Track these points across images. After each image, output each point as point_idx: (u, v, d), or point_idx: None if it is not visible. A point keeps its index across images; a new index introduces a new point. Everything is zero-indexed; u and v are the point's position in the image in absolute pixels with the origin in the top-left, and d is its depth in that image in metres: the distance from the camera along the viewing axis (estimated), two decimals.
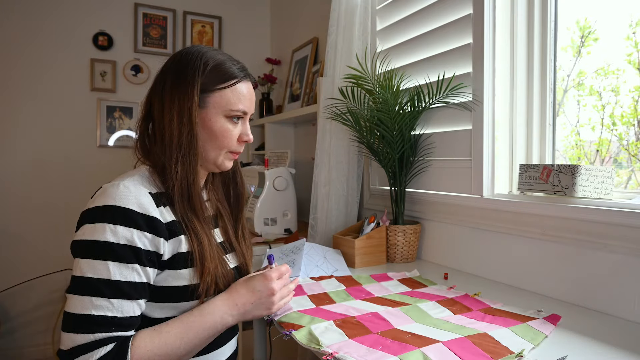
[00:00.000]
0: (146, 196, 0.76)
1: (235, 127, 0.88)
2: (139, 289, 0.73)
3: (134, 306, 0.73)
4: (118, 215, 0.72)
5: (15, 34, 2.41)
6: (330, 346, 0.76)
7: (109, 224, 0.71)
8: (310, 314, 0.93)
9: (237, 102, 0.86)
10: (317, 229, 1.68)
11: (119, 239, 0.71)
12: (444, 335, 0.80)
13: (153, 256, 0.75)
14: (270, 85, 2.73)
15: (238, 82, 0.86)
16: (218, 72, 0.84)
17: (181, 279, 0.79)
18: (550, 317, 0.89)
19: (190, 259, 0.80)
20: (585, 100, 1.21)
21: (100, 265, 0.70)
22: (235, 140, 0.88)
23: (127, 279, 0.71)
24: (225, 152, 0.89)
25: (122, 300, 0.71)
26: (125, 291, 0.71)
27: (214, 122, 0.85)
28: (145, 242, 0.73)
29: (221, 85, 0.84)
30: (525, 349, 0.74)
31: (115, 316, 0.70)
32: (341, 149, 1.67)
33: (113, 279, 0.70)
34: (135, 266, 0.72)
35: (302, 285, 1.16)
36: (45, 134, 2.48)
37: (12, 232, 2.42)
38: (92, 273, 0.70)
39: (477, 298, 1.04)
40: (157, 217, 0.76)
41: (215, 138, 0.86)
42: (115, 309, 0.70)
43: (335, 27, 1.69)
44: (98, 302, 0.69)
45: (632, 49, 1.09)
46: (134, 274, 0.72)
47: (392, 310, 0.95)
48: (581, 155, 1.24)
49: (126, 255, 0.71)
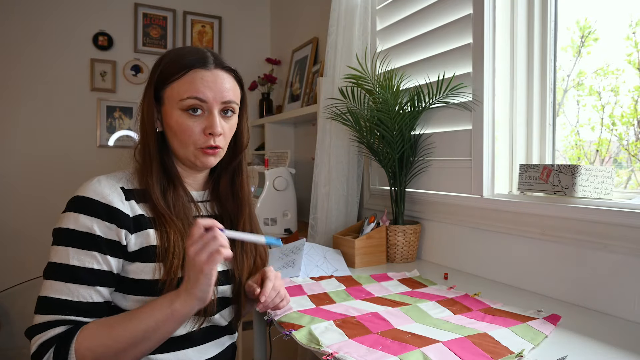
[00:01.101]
0: (116, 190, 0.79)
1: (194, 120, 0.83)
2: (98, 276, 0.75)
3: (91, 293, 0.74)
4: (82, 204, 0.76)
5: (16, 34, 2.41)
6: (330, 346, 0.76)
7: (73, 213, 0.75)
8: (310, 314, 0.93)
9: (187, 90, 0.81)
10: (317, 229, 1.68)
11: (79, 226, 0.74)
12: (444, 335, 0.80)
13: (114, 245, 0.76)
14: (270, 85, 2.73)
15: (188, 72, 0.82)
16: (170, 66, 0.84)
17: (148, 272, 0.78)
18: (550, 317, 0.89)
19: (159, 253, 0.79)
20: (585, 100, 1.21)
21: (62, 251, 0.74)
22: (198, 135, 0.83)
23: (85, 265, 0.74)
24: (193, 149, 0.84)
25: (78, 285, 0.73)
26: (82, 277, 0.73)
27: (170, 117, 0.83)
28: (105, 230, 0.75)
29: (172, 77, 0.83)
30: (525, 349, 0.74)
31: (69, 300, 0.72)
32: (341, 149, 1.67)
33: (71, 264, 0.73)
34: (94, 253, 0.74)
35: (302, 285, 1.16)
36: (45, 134, 2.48)
37: (12, 232, 2.42)
38: (56, 258, 0.74)
39: (477, 298, 1.04)
40: (120, 209, 0.77)
41: (175, 134, 0.84)
42: (71, 293, 0.72)
43: (335, 27, 1.69)
44: (57, 286, 0.73)
45: (632, 49, 1.09)
46: (92, 261, 0.74)
47: (392, 310, 0.95)
48: (581, 155, 1.24)
49: (85, 242, 0.74)
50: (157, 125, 0.86)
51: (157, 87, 0.85)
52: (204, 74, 0.83)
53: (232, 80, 0.88)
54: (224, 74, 0.86)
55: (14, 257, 2.42)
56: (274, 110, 2.76)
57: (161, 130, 0.87)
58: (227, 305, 0.91)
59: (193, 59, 0.84)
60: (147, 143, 0.84)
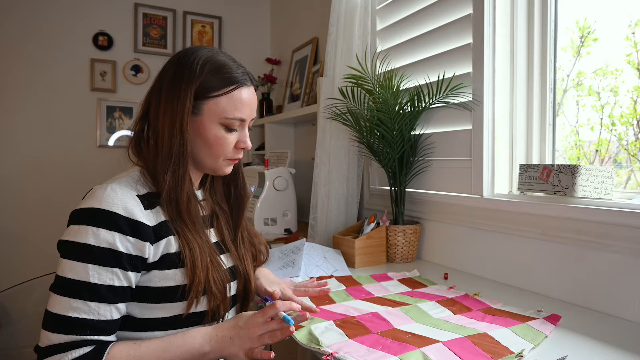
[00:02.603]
0: (133, 199, 0.75)
1: (231, 134, 0.84)
2: (119, 293, 0.72)
3: (111, 310, 0.72)
4: (102, 218, 0.71)
5: (16, 34, 2.41)
6: (330, 346, 0.76)
7: (92, 227, 0.71)
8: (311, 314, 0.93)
9: (234, 109, 0.82)
10: (317, 229, 1.68)
11: (100, 242, 0.71)
12: (444, 335, 0.80)
13: (136, 260, 0.74)
14: (270, 85, 2.73)
15: (235, 89, 0.82)
16: (213, 77, 0.81)
17: (168, 279, 0.77)
18: (550, 317, 0.89)
19: (179, 259, 0.78)
20: (585, 101, 1.22)
21: (80, 267, 0.70)
22: (231, 148, 0.85)
23: (105, 283, 0.71)
24: (222, 160, 0.86)
25: (99, 303, 0.70)
26: (103, 295, 0.70)
27: (209, 130, 0.82)
28: (128, 246, 0.72)
29: (216, 92, 0.81)
30: (525, 349, 0.74)
31: (90, 319, 0.70)
32: (341, 149, 1.67)
33: (92, 281, 0.70)
34: (116, 270, 0.71)
35: None
36: (45, 134, 2.48)
37: (12, 232, 2.42)
38: (72, 274, 0.70)
39: (477, 298, 1.04)
40: (143, 221, 0.74)
41: (210, 146, 0.83)
42: (92, 311, 0.70)
43: (335, 27, 1.69)
44: (75, 304, 0.69)
45: (631, 49, 1.09)
46: (113, 277, 0.71)
47: (392, 310, 0.95)
48: (580, 155, 1.24)
49: (106, 258, 0.71)
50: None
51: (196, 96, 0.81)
52: (247, 94, 0.84)
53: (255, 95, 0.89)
54: (254, 92, 0.87)
55: (14, 257, 2.42)
56: (274, 110, 2.76)
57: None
58: (235, 304, 0.92)
59: (234, 74, 0.83)
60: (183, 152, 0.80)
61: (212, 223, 0.93)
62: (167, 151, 0.79)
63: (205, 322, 0.82)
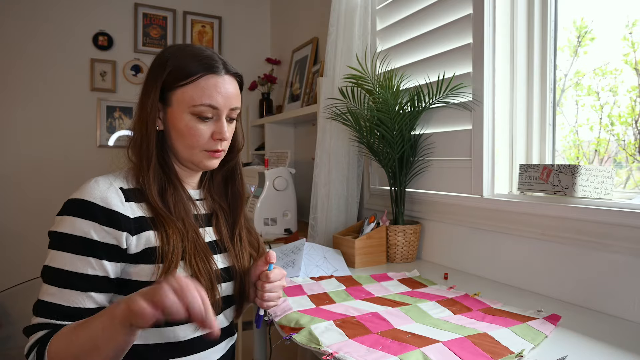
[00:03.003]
0: (115, 191, 0.77)
1: (204, 124, 0.83)
2: (92, 281, 0.73)
3: (83, 299, 0.73)
4: (80, 208, 0.74)
5: (16, 34, 2.41)
6: (330, 346, 0.76)
7: (70, 217, 0.74)
8: (310, 314, 0.93)
9: (201, 97, 0.81)
10: (317, 229, 1.68)
11: (75, 230, 0.73)
12: (444, 335, 0.80)
13: (112, 250, 0.75)
14: (270, 85, 2.73)
15: (201, 77, 0.81)
16: (180, 68, 0.82)
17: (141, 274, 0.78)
18: (550, 317, 0.90)
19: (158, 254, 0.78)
20: (583, 100, 1.22)
21: (58, 256, 0.73)
22: (206, 138, 0.84)
23: (78, 271, 0.72)
24: (199, 151, 0.85)
25: (71, 290, 0.72)
26: (75, 283, 0.72)
27: (179, 120, 0.83)
28: (102, 235, 0.74)
29: (183, 81, 0.81)
30: (525, 349, 0.74)
31: (60, 304, 0.72)
32: (341, 149, 1.67)
33: (65, 269, 0.72)
34: (89, 259, 0.73)
35: (302, 285, 1.17)
36: (45, 134, 2.48)
37: (12, 232, 2.42)
38: (52, 262, 0.73)
39: (477, 298, 1.04)
40: (120, 212, 0.76)
41: (183, 137, 0.83)
42: (63, 298, 0.72)
43: (335, 27, 1.69)
44: (50, 290, 0.72)
45: (629, 49, 1.09)
46: (86, 266, 0.73)
47: (392, 310, 0.95)
48: (579, 155, 1.24)
49: (80, 247, 0.73)
50: (158, 124, 0.85)
51: (164, 87, 0.83)
52: (217, 81, 0.83)
53: (237, 86, 0.88)
54: (231, 80, 0.86)
55: (14, 257, 2.42)
56: (274, 110, 2.76)
57: (161, 129, 0.86)
58: (230, 304, 0.91)
59: (205, 63, 0.83)
60: (147, 142, 0.83)
61: (210, 222, 0.93)
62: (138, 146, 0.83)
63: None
